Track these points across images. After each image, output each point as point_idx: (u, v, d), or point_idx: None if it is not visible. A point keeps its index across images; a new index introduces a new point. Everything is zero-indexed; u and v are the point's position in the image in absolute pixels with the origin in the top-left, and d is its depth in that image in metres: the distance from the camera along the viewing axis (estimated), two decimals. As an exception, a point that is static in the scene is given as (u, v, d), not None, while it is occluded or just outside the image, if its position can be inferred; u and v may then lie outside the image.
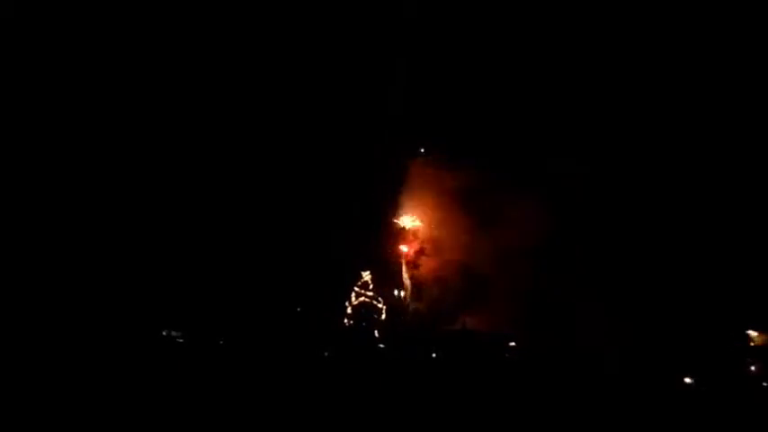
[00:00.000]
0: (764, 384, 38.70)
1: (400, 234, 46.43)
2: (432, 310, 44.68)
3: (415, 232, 46.52)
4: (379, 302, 43.01)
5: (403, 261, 45.77)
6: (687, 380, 38.34)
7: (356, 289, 43.05)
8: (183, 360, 38.12)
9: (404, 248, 46.09)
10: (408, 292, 44.76)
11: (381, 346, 40.35)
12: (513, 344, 40.50)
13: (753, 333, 40.32)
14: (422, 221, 46.70)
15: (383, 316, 42.69)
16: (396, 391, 34.92)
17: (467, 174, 45.48)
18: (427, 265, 45.93)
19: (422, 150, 47.11)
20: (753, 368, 39.68)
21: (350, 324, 42.19)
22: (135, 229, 42.79)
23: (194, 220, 43.31)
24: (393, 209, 46.62)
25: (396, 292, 44.72)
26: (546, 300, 42.50)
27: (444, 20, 46.05)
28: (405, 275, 45.36)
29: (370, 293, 43.03)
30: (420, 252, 46.07)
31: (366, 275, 43.34)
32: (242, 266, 42.27)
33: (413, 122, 46.17)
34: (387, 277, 45.02)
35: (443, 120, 46.52)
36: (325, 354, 38.76)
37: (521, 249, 44.01)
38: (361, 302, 42.72)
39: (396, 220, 46.71)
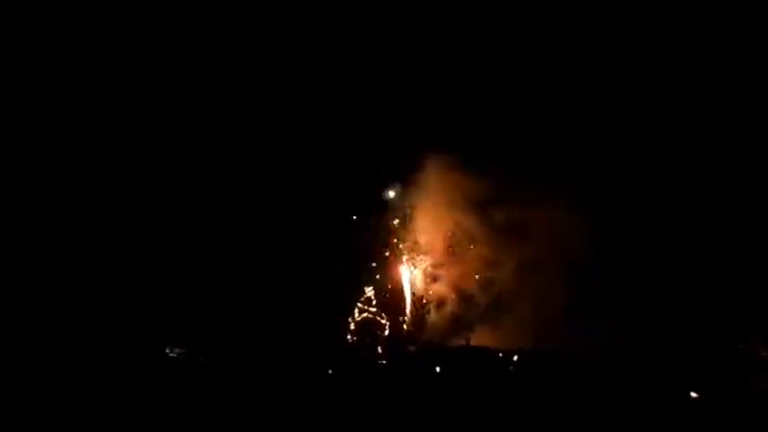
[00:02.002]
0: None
1: (413, 244, 45.14)
2: (450, 325, 43.81)
3: (430, 242, 45.15)
4: (383, 318, 42.66)
5: (418, 274, 44.68)
6: (693, 394, 37.98)
7: (359, 305, 42.73)
8: (185, 377, 38.06)
9: (418, 260, 44.80)
10: (417, 307, 44.12)
11: (383, 362, 39.95)
12: (516, 358, 39.94)
13: (758, 347, 40.10)
14: (438, 231, 45.06)
15: (387, 332, 42.36)
16: (397, 407, 34.85)
17: (489, 178, 43.62)
18: (445, 278, 44.65)
19: (437, 150, 44.63)
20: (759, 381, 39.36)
21: (353, 340, 41.89)
22: (137, 243, 42.67)
23: (193, 229, 43.16)
24: (403, 217, 45.34)
25: (407, 308, 44.07)
26: (566, 313, 41.63)
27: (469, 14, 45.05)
28: (418, 289, 44.55)
29: (374, 309, 42.69)
30: (437, 264, 44.72)
31: (369, 291, 42.97)
32: (243, 281, 42.05)
33: (425, 117, 44.26)
34: (398, 292, 44.23)
35: (461, 115, 44.63)
36: (329, 371, 38.49)
37: (547, 262, 43.02)
38: (364, 318, 42.43)
39: (408, 230, 45.34)
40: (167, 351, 39.19)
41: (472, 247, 44.46)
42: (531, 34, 44.83)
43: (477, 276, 44.21)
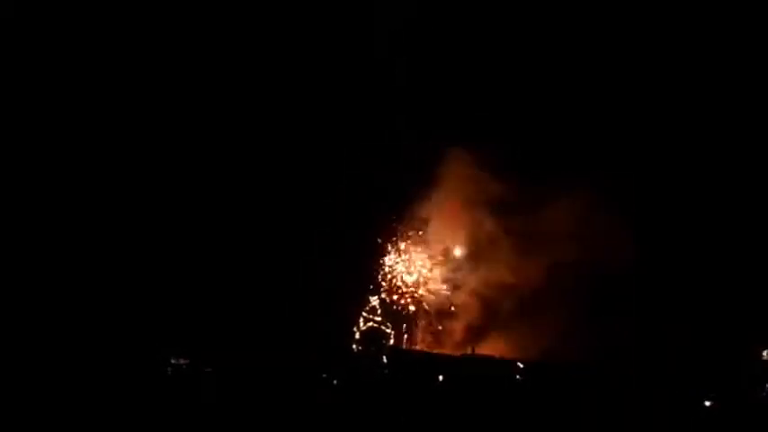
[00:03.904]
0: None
1: (429, 250, 44.11)
2: (465, 333, 43.01)
3: (448, 248, 44.02)
4: (388, 327, 42.29)
5: (435, 281, 43.83)
6: (707, 403, 37.35)
7: (364, 314, 42.38)
8: (190, 388, 38.21)
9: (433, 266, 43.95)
10: (430, 316, 43.49)
11: (386, 371, 39.65)
12: (521, 365, 39.34)
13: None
14: (458, 235, 43.80)
15: (392, 341, 42.06)
16: (400, 416, 34.74)
17: (515, 178, 42.26)
18: (468, 285, 43.50)
19: (455, 148, 43.27)
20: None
21: (358, 350, 41.66)
22: (144, 255, 42.57)
23: (199, 241, 42.98)
24: (418, 220, 44.16)
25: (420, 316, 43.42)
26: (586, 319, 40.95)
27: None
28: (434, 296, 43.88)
29: (379, 319, 42.31)
30: (455, 268, 43.69)
31: (374, 300, 42.58)
32: (248, 292, 41.91)
33: (444, 107, 43.51)
34: (411, 300, 43.51)
35: (481, 112, 43.70)
36: (334, 381, 38.40)
37: (574, 269, 41.61)
38: (369, 328, 42.14)
39: (421, 234, 44.19)
40: (172, 361, 39.39)
41: (502, 254, 42.84)
42: (555, 30, 44.17)
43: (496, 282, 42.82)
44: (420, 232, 43.82)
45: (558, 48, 44.13)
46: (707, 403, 37.34)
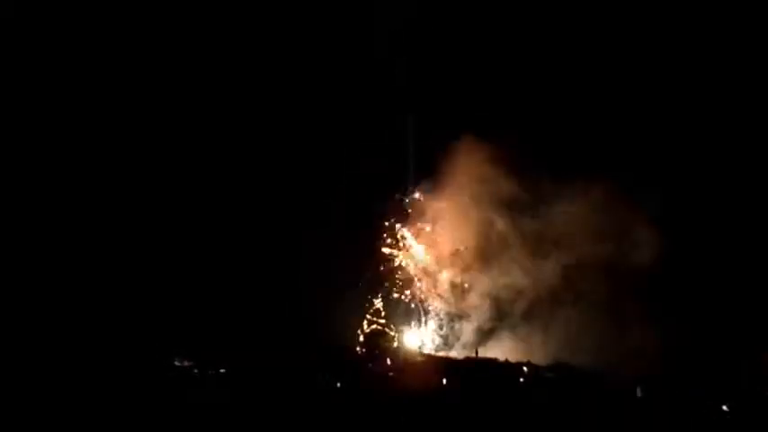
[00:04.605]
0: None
1: (436, 249, 43.57)
2: (479, 335, 42.44)
3: (458, 248, 43.30)
4: (392, 330, 42.18)
5: (441, 281, 43.41)
6: (725, 407, 37.11)
7: (367, 317, 42.24)
8: (194, 390, 38.23)
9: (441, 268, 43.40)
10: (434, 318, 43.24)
11: (391, 374, 39.57)
12: (525, 369, 39.23)
13: None
14: (467, 233, 42.99)
15: (396, 344, 41.93)
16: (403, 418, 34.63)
17: (532, 172, 41.39)
18: (477, 286, 42.87)
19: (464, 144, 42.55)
20: None
21: (362, 352, 41.57)
22: (148, 256, 42.52)
23: (204, 244, 42.98)
24: (422, 217, 43.77)
25: (425, 319, 43.10)
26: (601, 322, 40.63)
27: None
28: (441, 299, 43.40)
29: (383, 321, 42.18)
30: (466, 269, 42.95)
31: (378, 302, 42.42)
32: (250, 293, 41.90)
33: (451, 109, 43.48)
34: (418, 301, 43.20)
35: (493, 106, 43.38)
36: (337, 384, 38.37)
37: (586, 270, 41.07)
38: (372, 330, 42.06)
39: (428, 229, 43.74)
40: (176, 362, 39.41)
41: (516, 254, 42.01)
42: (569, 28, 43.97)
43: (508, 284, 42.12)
44: (428, 230, 43.49)
45: (573, 43, 44.13)
46: (725, 408, 37.03)
